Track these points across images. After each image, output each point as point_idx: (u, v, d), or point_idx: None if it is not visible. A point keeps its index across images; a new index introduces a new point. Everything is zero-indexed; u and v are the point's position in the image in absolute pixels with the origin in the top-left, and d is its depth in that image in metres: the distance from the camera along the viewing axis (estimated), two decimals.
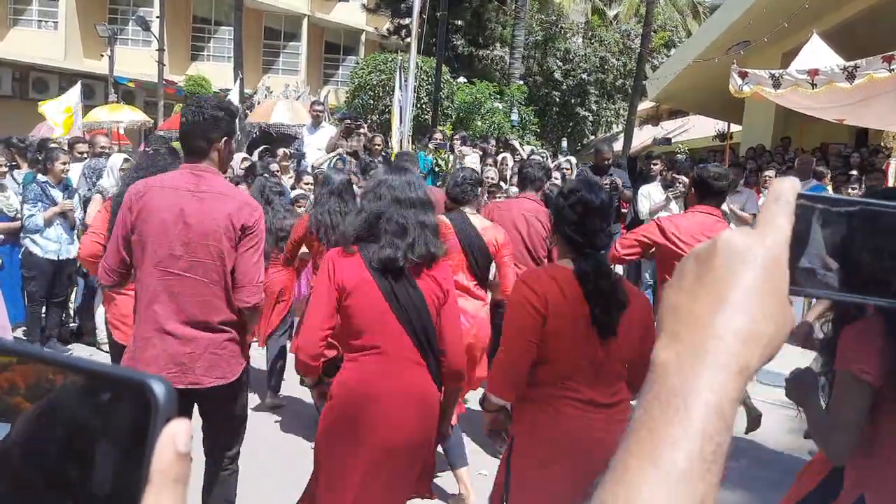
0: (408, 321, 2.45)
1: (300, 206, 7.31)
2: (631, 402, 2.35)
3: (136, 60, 24.07)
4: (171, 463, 0.35)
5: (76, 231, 6.44)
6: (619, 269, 8.86)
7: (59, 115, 11.40)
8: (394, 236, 2.47)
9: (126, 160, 6.75)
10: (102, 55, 22.24)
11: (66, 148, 7.63)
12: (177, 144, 3.53)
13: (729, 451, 0.47)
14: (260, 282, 2.78)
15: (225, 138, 2.78)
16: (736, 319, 0.49)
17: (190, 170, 2.76)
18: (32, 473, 0.35)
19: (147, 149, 4.57)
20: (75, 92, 12.12)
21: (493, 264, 4.03)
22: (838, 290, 0.53)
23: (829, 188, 7.76)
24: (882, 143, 11.50)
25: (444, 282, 2.55)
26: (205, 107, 2.75)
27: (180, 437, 0.35)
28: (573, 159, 9.90)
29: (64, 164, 6.22)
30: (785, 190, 0.52)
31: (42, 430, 0.35)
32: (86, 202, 6.51)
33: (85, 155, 7.36)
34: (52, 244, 6.14)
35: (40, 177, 6.23)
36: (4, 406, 0.36)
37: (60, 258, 6.19)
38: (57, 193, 6.18)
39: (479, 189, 4.14)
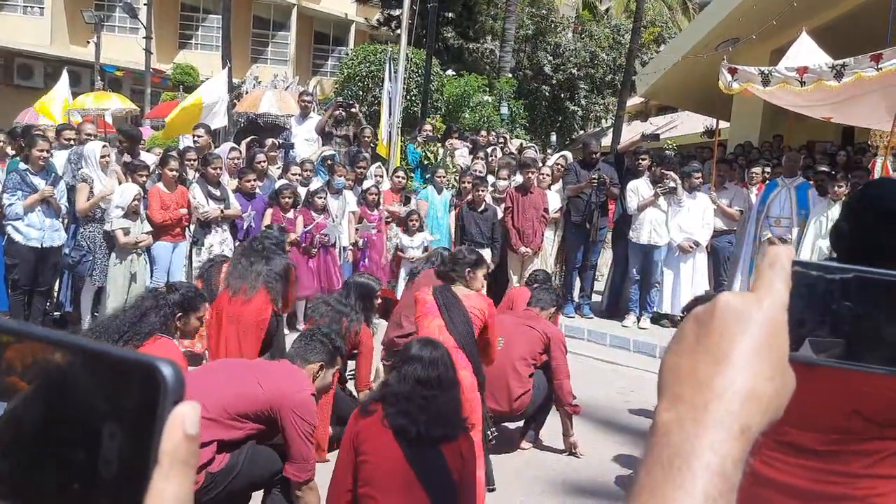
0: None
1: (286, 198, 7.27)
2: None
3: (123, 48, 23.83)
4: (179, 444, 0.35)
5: (62, 218, 6.38)
6: (606, 263, 8.90)
7: (58, 110, 11.50)
8: (410, 410, 2.54)
9: (104, 147, 6.70)
10: (89, 42, 22.00)
11: (53, 135, 7.56)
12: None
13: None
14: None
15: (321, 364, 3.12)
16: (737, 380, 0.49)
17: None
18: (38, 454, 0.35)
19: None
20: (64, 83, 12.08)
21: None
22: (835, 358, 0.53)
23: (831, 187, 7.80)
24: (868, 142, 11.58)
25: (467, 455, 2.59)
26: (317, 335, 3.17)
27: (189, 419, 0.35)
28: (569, 154, 9.89)
29: (42, 150, 6.13)
30: (781, 255, 0.53)
31: (48, 411, 0.35)
32: (70, 189, 6.45)
33: (72, 142, 7.29)
34: (34, 231, 6.07)
35: (21, 165, 6.16)
36: (5, 386, 0.36)
37: (44, 246, 6.12)
38: (38, 181, 6.10)
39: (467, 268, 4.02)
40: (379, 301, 4.87)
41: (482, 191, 7.84)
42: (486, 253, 7.73)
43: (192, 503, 0.36)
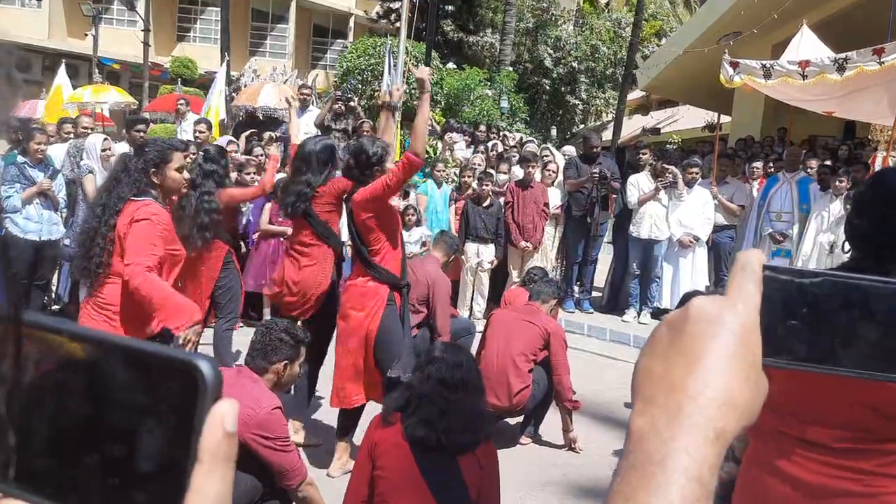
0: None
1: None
2: None
3: (122, 41, 23.75)
4: (220, 442, 0.35)
5: (60, 212, 6.35)
6: (609, 256, 8.87)
7: (70, 104, 11.59)
8: (430, 416, 2.46)
9: (105, 140, 6.67)
10: (87, 35, 21.92)
11: (53, 129, 7.54)
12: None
13: None
14: None
15: (285, 362, 2.97)
16: (710, 384, 0.48)
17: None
18: (79, 451, 0.35)
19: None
20: (62, 76, 12.08)
21: None
22: (805, 362, 0.54)
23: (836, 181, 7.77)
24: (869, 136, 11.56)
25: (486, 465, 2.51)
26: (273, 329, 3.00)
27: (229, 417, 0.36)
28: (571, 148, 9.84)
29: (39, 143, 6.10)
30: (751, 260, 0.53)
31: (88, 408, 0.36)
32: (69, 182, 6.42)
33: (70, 136, 7.26)
34: (32, 224, 6.04)
35: (20, 157, 6.12)
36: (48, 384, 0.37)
37: (42, 239, 6.09)
38: (36, 173, 6.07)
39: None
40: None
41: (487, 185, 7.79)
42: (490, 248, 7.73)
43: (231, 501, 0.36)
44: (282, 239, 6.60)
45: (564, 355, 4.52)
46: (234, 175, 7.38)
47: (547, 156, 8.68)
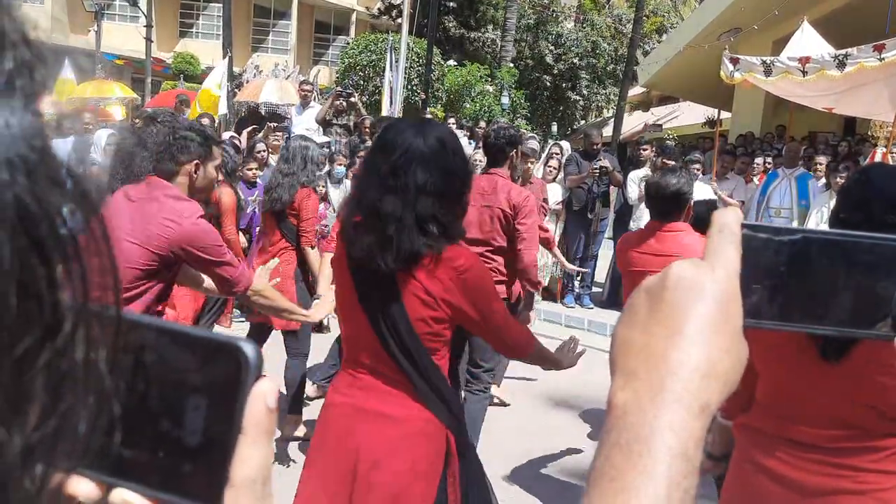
0: (381, 332, 1.91)
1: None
2: None
3: (124, 36, 23.77)
4: (262, 417, 0.38)
5: None
6: (610, 252, 8.90)
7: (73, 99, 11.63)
8: (365, 230, 1.84)
9: (111, 135, 6.71)
10: (89, 30, 21.94)
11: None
12: None
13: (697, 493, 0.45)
14: None
15: (196, 162, 2.60)
16: (693, 355, 0.47)
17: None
18: (128, 427, 0.37)
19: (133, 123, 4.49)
20: (67, 71, 12.10)
21: None
22: (785, 321, 0.53)
23: (822, 178, 7.80)
24: (869, 132, 11.57)
25: (446, 280, 1.86)
26: (178, 128, 2.62)
27: (270, 395, 0.38)
28: (566, 144, 9.85)
29: None
30: (729, 221, 0.51)
31: (137, 387, 0.38)
32: None
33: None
34: None
35: None
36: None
37: None
38: None
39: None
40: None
41: None
42: None
43: (271, 471, 0.39)
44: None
45: (534, 224, 3.78)
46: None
47: (557, 153, 8.70)
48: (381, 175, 1.82)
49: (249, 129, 9.24)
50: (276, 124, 9.29)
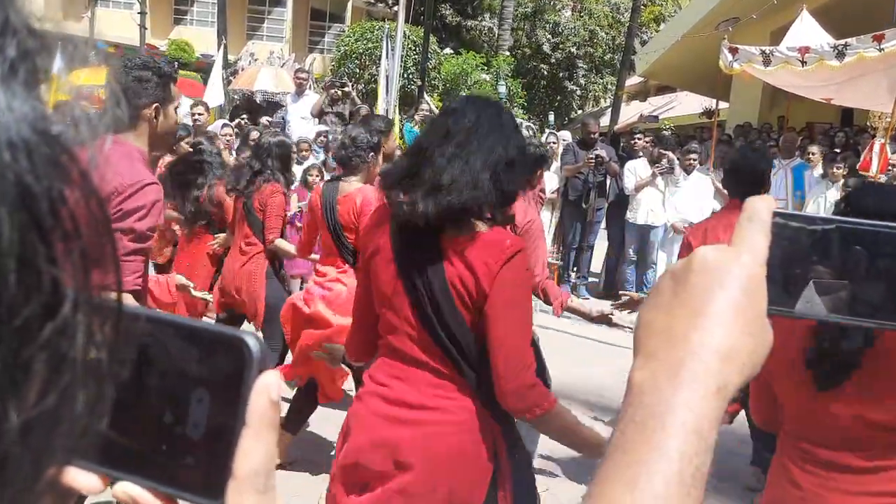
0: (424, 315, 1.71)
1: (313, 176, 7.06)
2: None
3: (117, 23, 23.59)
4: (266, 409, 0.38)
5: None
6: (604, 243, 8.88)
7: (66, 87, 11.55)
8: (414, 185, 1.66)
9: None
10: (83, 17, 21.76)
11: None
12: None
13: (710, 471, 0.45)
14: None
15: (155, 105, 2.31)
16: (714, 337, 0.47)
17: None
18: (131, 418, 0.38)
19: None
20: (60, 58, 11.99)
21: None
22: (814, 311, 0.52)
23: (818, 167, 7.77)
24: (867, 123, 11.55)
25: (490, 263, 1.66)
26: (130, 67, 2.27)
27: (273, 388, 0.38)
28: (567, 133, 9.80)
29: None
30: (759, 209, 0.51)
31: (141, 380, 0.38)
32: None
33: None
34: None
35: None
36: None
37: None
38: None
39: (373, 155, 3.41)
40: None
41: None
42: None
43: (274, 464, 0.39)
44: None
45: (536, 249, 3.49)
46: (230, 158, 7.38)
47: (554, 142, 8.65)
48: (446, 135, 1.69)
49: (243, 117, 9.17)
50: (270, 120, 9.22)
